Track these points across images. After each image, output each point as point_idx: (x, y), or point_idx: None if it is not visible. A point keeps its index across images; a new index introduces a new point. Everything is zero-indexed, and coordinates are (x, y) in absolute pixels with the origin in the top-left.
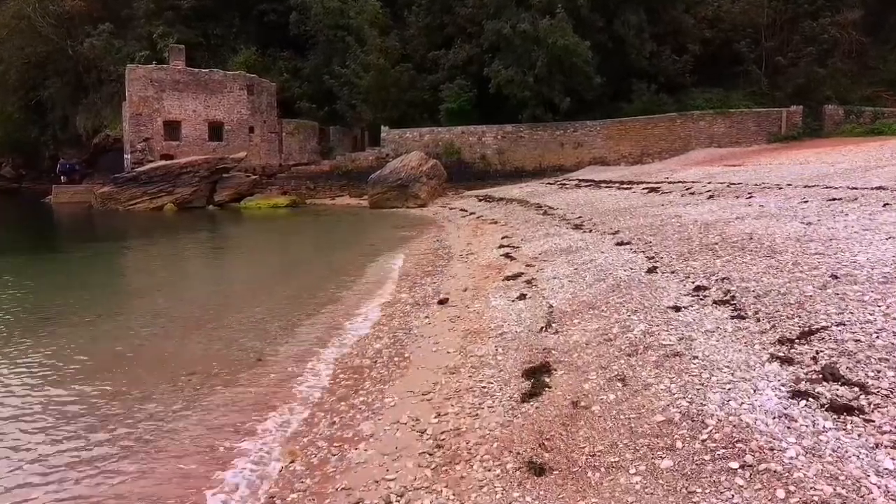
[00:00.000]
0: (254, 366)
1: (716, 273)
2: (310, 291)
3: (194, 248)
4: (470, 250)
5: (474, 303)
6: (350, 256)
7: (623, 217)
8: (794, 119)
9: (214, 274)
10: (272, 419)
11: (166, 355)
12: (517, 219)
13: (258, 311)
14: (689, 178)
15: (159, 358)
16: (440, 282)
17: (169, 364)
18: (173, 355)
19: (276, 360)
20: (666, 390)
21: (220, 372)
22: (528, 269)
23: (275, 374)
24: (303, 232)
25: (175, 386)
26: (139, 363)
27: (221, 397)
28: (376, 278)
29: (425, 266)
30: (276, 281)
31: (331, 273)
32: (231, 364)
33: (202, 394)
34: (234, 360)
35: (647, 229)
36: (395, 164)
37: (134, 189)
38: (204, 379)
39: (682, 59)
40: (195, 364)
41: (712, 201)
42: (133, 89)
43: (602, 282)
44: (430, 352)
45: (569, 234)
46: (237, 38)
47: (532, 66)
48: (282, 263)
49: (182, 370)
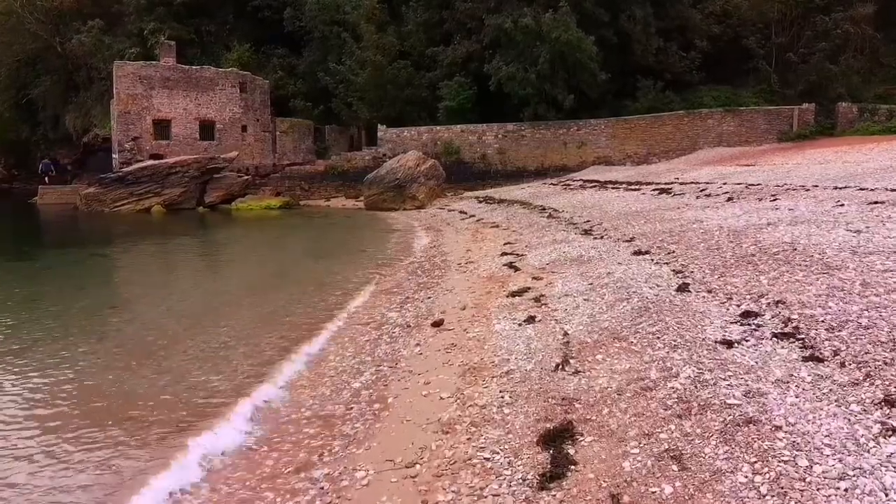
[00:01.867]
0: (201, 412)
1: (765, 294)
2: (288, 309)
3: (170, 255)
4: (469, 258)
5: (474, 326)
6: (338, 265)
7: (636, 221)
8: (806, 117)
9: (184, 287)
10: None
11: (96, 395)
12: (520, 222)
13: (224, 332)
14: (700, 178)
15: (85, 397)
16: (435, 297)
17: (96, 409)
18: (104, 394)
19: (225, 400)
20: (749, 485)
21: (156, 419)
22: (535, 282)
23: (224, 425)
24: (292, 236)
25: (88, 440)
26: (62, 404)
27: (133, 464)
28: (365, 292)
29: (420, 277)
30: (253, 295)
31: (315, 286)
32: (173, 407)
33: (118, 451)
34: (178, 402)
35: (667, 236)
36: (391, 164)
37: (120, 190)
38: (134, 428)
39: (690, 56)
40: (128, 407)
41: (733, 204)
42: (121, 86)
43: (625, 302)
44: (420, 395)
45: (578, 240)
46: (231, 35)
47: (534, 62)
48: (263, 274)
49: (109, 418)
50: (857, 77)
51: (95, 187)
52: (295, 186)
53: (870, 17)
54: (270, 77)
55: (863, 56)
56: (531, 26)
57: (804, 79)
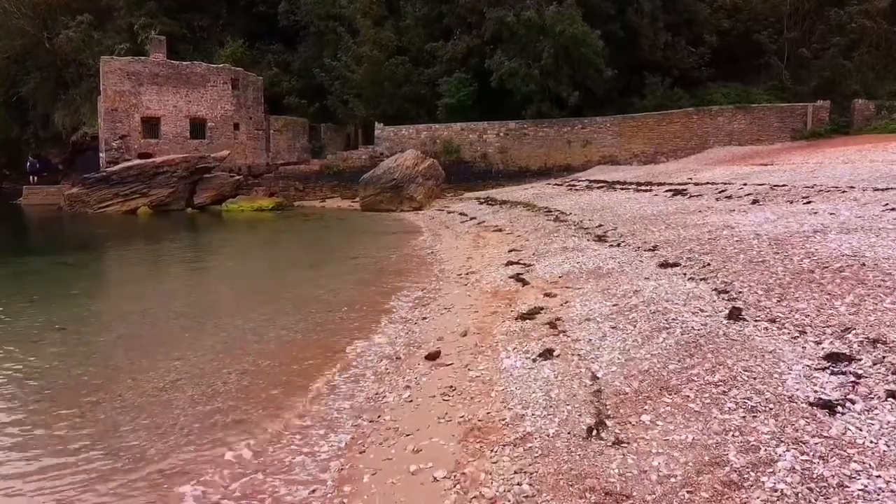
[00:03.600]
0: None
1: (849, 327)
2: (257, 333)
3: (142, 263)
4: (470, 267)
5: (478, 360)
6: (324, 276)
7: (655, 226)
8: (821, 115)
9: (147, 305)
10: None
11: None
12: (525, 226)
13: (175, 368)
14: (716, 178)
15: None
16: (431, 317)
17: None
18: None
19: (140, 489)
20: None
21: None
22: (547, 300)
23: None
24: (280, 242)
25: None
26: None
27: None
28: (350, 311)
29: (414, 290)
30: (219, 317)
31: (292, 305)
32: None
33: None
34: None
35: (695, 244)
36: (388, 164)
37: (105, 190)
38: None
39: (699, 51)
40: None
41: (760, 207)
42: (108, 83)
43: (664, 333)
44: (406, 472)
45: (592, 247)
46: (224, 31)
47: (537, 57)
48: (238, 288)
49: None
50: (872, 73)
51: (79, 188)
52: (289, 187)
53: (885, 11)
54: (265, 74)
55: (878, 51)
56: (534, 20)
57: (817, 75)
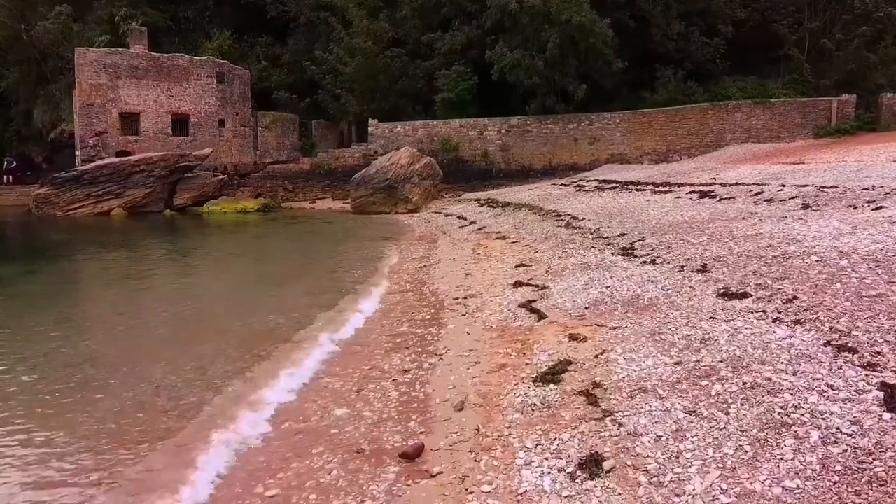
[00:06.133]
0: None
1: None
2: (174, 397)
3: (69, 284)
4: (469, 288)
5: (479, 468)
6: (291, 299)
7: (692, 236)
8: (847, 110)
9: (67, 334)
10: None
11: None
12: (532, 233)
13: (94, 413)
14: (744, 178)
15: None
16: (416, 371)
17: None
18: None
19: None
20: None
21: None
22: (574, 346)
23: None
24: (256, 249)
25: None
26: None
27: None
28: (307, 357)
29: (396, 325)
30: (135, 364)
31: (236, 343)
32: None
33: None
34: None
35: (757, 263)
36: (381, 163)
37: (75, 191)
38: None
39: (713, 43)
40: None
41: (819, 213)
42: (83, 76)
43: (792, 439)
44: None
45: (620, 264)
46: (210, 23)
47: (542, 48)
48: (181, 316)
49: None
50: None
51: (47, 188)
52: (277, 187)
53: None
54: (253, 67)
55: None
56: (539, 7)
57: (840, 68)
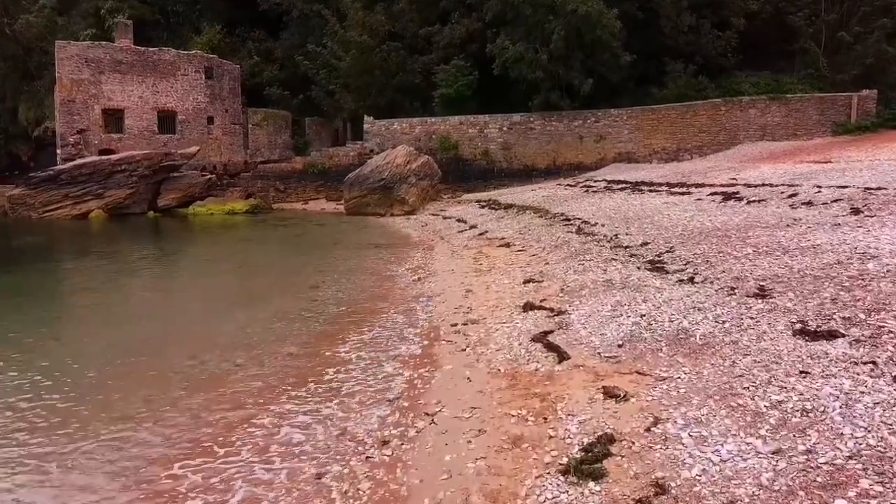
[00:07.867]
0: None
1: None
2: (91, 470)
3: (42, 289)
4: (470, 310)
5: None
6: (258, 327)
7: (732, 248)
8: (867, 106)
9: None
10: None
11: None
12: (540, 240)
13: None
14: (769, 179)
15: None
16: (397, 448)
17: None
18: None
19: None
20: None
21: None
22: (613, 406)
23: None
24: (236, 256)
25: None
26: None
27: None
28: (263, 415)
29: (386, 362)
30: (63, 425)
31: (181, 389)
32: None
33: None
34: None
35: (834, 287)
36: (377, 162)
37: (52, 191)
38: None
39: (725, 36)
40: None
41: (877, 220)
42: (64, 70)
43: None
44: None
45: (651, 283)
46: (200, 16)
47: (546, 40)
48: (121, 348)
49: None
50: None
51: (22, 188)
52: (269, 187)
53: None
54: (245, 62)
55: None
56: None
57: (859, 62)
